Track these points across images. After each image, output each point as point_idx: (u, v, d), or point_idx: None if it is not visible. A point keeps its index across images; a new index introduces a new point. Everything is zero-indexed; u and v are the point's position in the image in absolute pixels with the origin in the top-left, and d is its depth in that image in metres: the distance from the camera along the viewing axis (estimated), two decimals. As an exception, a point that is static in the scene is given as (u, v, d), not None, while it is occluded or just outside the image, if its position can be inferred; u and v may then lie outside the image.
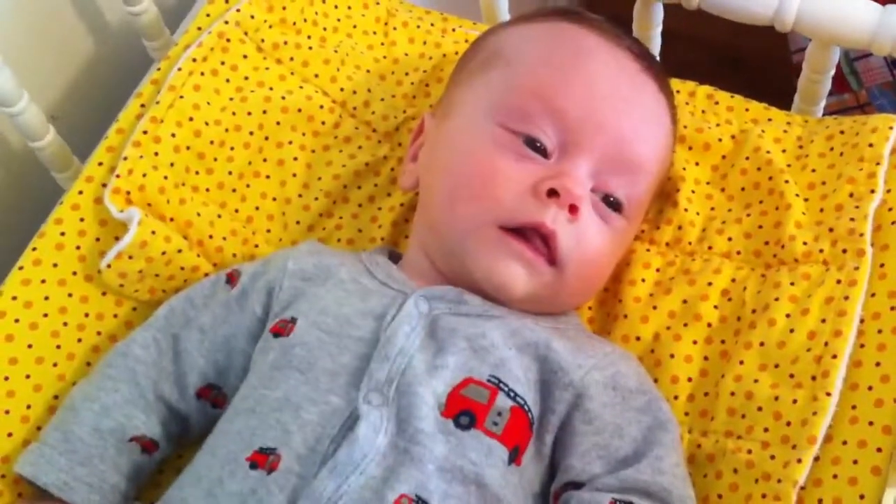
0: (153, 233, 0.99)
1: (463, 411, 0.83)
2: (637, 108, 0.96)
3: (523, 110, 0.94)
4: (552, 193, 0.90)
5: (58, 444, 0.89)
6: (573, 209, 0.90)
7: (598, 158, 0.93)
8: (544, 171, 0.92)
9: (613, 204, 0.95)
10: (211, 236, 1.03)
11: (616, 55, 0.97)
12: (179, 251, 1.00)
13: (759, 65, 1.59)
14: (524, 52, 0.98)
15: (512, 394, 0.85)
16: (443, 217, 0.94)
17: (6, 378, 0.95)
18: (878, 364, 0.90)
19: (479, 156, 0.93)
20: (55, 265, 1.00)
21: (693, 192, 1.06)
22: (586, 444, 0.86)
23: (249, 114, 1.09)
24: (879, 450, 0.86)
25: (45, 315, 0.98)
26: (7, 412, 0.94)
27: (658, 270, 1.02)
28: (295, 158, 1.09)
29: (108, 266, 0.98)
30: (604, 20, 1.01)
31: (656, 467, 0.85)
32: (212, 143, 1.07)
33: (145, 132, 1.04)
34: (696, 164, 1.08)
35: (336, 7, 1.19)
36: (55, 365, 0.96)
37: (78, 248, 1.01)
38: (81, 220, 1.02)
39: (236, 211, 1.07)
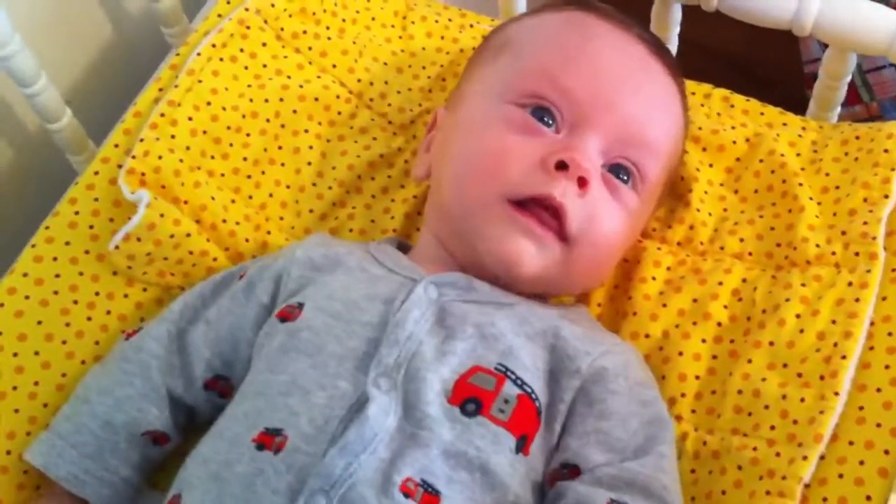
0: (162, 216, 0.99)
1: (469, 398, 0.83)
2: (645, 90, 0.96)
3: (531, 90, 0.94)
4: (561, 166, 0.90)
5: (69, 436, 0.89)
6: (582, 182, 0.90)
7: (607, 136, 0.93)
8: (554, 146, 0.92)
9: (624, 179, 0.94)
10: (224, 220, 1.03)
11: (625, 40, 0.98)
12: (188, 235, 1.00)
13: (770, 75, 1.58)
14: (532, 40, 0.99)
15: (519, 381, 0.84)
16: (452, 197, 0.94)
17: (15, 354, 0.95)
18: (886, 367, 0.90)
19: (489, 134, 0.94)
20: (67, 243, 1.00)
21: (706, 192, 1.06)
22: (586, 427, 0.85)
23: (266, 101, 1.09)
24: (887, 452, 0.86)
25: (56, 292, 0.98)
26: (15, 388, 0.94)
27: (669, 269, 1.02)
28: (310, 147, 1.09)
29: (116, 248, 0.99)
30: (613, 9, 1.01)
31: (659, 465, 0.84)
32: (228, 128, 1.07)
33: (162, 115, 1.05)
34: (710, 165, 1.08)
35: (355, -1, 1.19)
36: (64, 342, 0.97)
37: (91, 227, 1.01)
38: (96, 199, 1.03)
39: (250, 197, 1.07)
